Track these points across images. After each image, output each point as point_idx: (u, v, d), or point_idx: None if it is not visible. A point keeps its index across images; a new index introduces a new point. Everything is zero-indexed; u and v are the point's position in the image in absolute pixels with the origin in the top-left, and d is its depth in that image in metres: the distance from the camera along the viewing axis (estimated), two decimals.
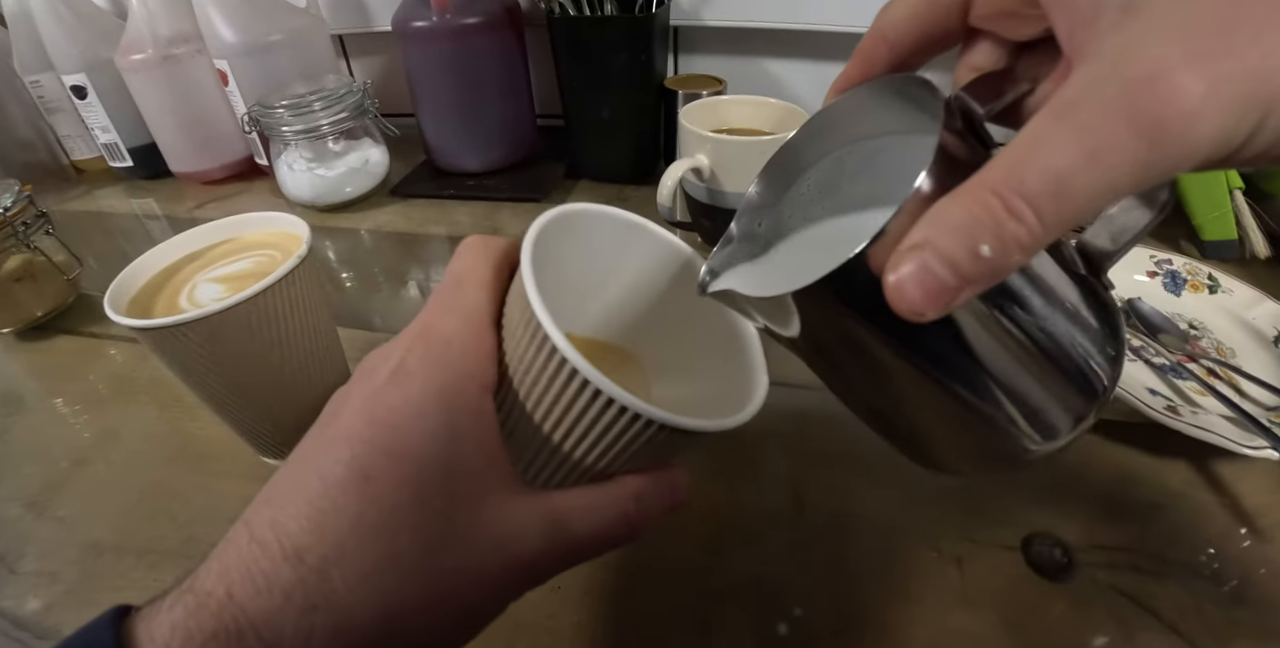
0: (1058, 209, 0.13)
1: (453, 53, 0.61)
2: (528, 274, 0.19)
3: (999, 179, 0.13)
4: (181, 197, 0.73)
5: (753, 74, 0.71)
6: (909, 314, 0.14)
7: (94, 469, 0.39)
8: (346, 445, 0.18)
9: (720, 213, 0.48)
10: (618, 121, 0.62)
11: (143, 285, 0.34)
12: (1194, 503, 0.33)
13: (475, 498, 0.18)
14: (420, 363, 0.19)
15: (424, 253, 0.59)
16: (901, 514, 0.33)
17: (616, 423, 0.19)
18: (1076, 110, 0.13)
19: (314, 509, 0.17)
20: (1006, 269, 0.13)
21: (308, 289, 0.33)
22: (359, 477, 0.17)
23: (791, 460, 0.37)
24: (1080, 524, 0.32)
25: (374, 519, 0.17)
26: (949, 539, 0.32)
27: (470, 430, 0.19)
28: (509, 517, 0.19)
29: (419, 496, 0.17)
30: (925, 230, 0.14)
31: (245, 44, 0.65)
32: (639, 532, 0.21)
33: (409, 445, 0.18)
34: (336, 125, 0.63)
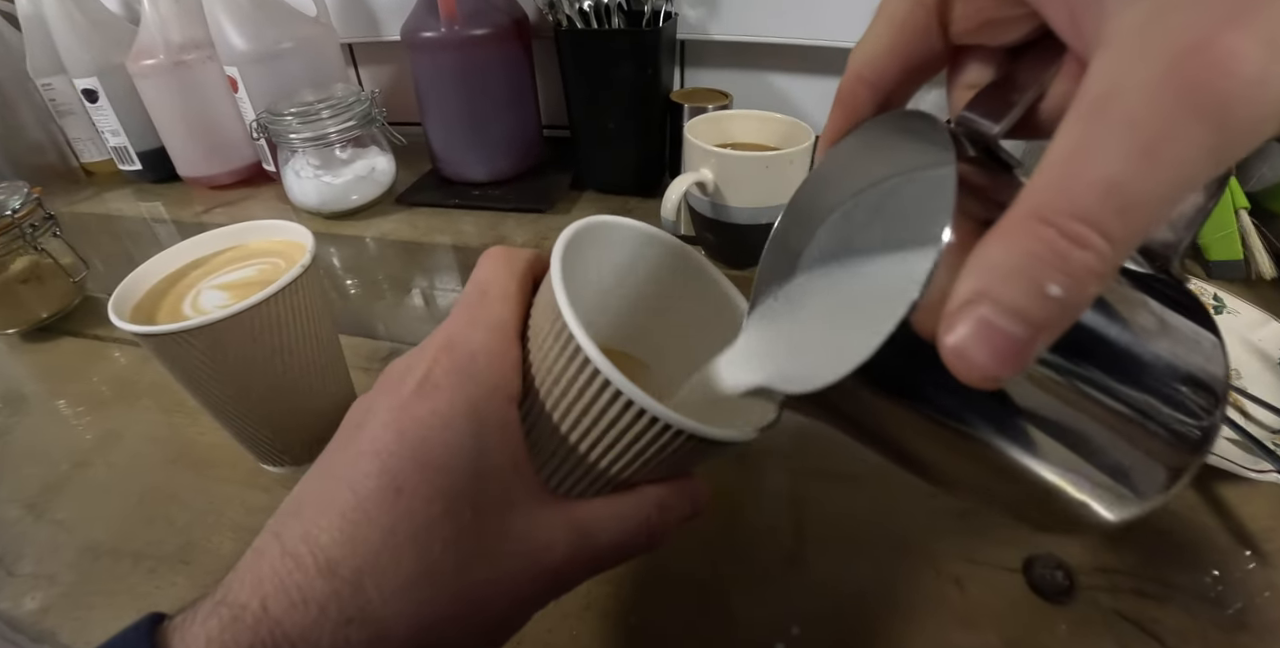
0: (1127, 224, 0.11)
1: (461, 63, 0.61)
2: (559, 287, 0.19)
3: (1047, 203, 0.11)
4: (189, 201, 0.73)
5: (759, 88, 0.71)
6: (980, 382, 0.12)
7: (94, 472, 0.39)
8: (376, 458, 0.18)
9: (723, 227, 0.48)
10: (623, 134, 0.62)
11: (147, 291, 0.34)
12: (1198, 526, 0.33)
13: (504, 509, 0.19)
14: (446, 376, 0.19)
15: (428, 262, 0.59)
16: (901, 533, 0.33)
17: (645, 433, 0.19)
18: (1115, 103, 0.11)
19: (346, 522, 0.17)
20: (1083, 306, 0.11)
21: (311, 297, 0.33)
22: (391, 489, 0.17)
23: (791, 477, 0.36)
24: (1082, 546, 0.32)
25: (407, 532, 0.17)
26: (949, 559, 0.32)
27: (498, 442, 0.19)
28: (537, 527, 0.19)
29: (450, 508, 0.17)
30: (975, 281, 0.11)
31: (256, 51, 0.65)
32: (659, 541, 0.21)
33: (438, 458, 0.18)
34: (344, 133, 0.63)
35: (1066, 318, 0.11)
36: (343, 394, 0.38)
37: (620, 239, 0.25)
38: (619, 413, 0.19)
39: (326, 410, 0.37)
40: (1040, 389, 0.15)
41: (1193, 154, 0.10)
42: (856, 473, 0.36)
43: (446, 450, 0.18)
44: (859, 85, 0.18)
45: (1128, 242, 0.11)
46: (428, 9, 0.60)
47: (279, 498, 0.36)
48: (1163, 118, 0.10)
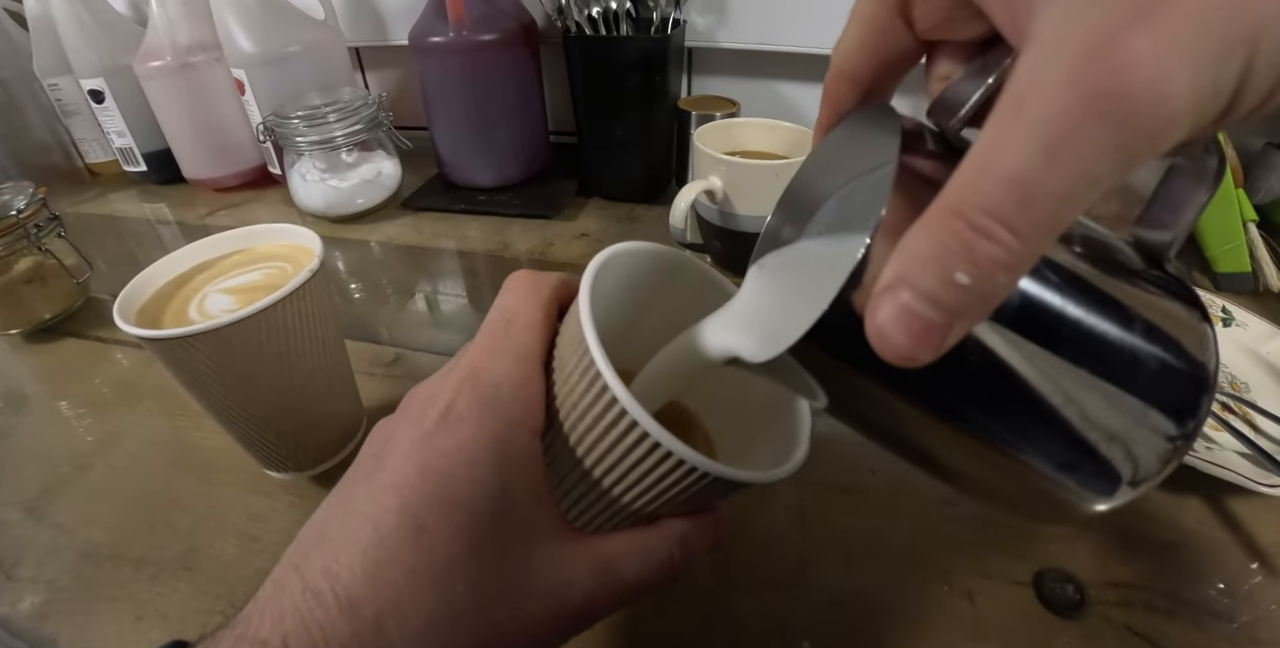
0: (1030, 219, 0.11)
1: (468, 68, 0.61)
2: (587, 323, 0.19)
3: (959, 197, 0.12)
4: (193, 203, 0.73)
5: (766, 96, 0.71)
6: (899, 360, 0.12)
7: (95, 475, 0.39)
8: (398, 494, 0.17)
9: (732, 235, 0.48)
10: (631, 141, 0.62)
11: (152, 294, 0.34)
12: (1207, 540, 0.33)
13: (526, 545, 0.18)
14: (469, 408, 0.19)
15: (433, 266, 0.59)
16: (912, 546, 0.33)
17: (671, 474, 0.19)
18: (1026, 103, 0.11)
19: (368, 560, 0.17)
20: (995, 294, 0.12)
21: (318, 303, 0.33)
22: (413, 527, 0.17)
23: (802, 489, 0.36)
24: (1092, 560, 0.32)
25: (429, 571, 0.17)
26: (960, 572, 0.31)
27: (520, 477, 0.19)
28: (559, 564, 0.19)
29: (472, 545, 0.17)
30: (896, 267, 0.12)
31: (263, 54, 0.65)
32: (681, 575, 0.21)
33: (461, 494, 0.17)
34: (350, 137, 0.63)
35: (980, 305, 0.12)
36: (348, 400, 0.38)
37: (647, 264, 0.24)
38: (645, 453, 0.19)
39: (332, 417, 0.37)
40: (990, 366, 0.15)
41: (1094, 153, 0.11)
42: (868, 485, 0.36)
43: (470, 487, 0.18)
44: (839, 81, 0.19)
45: (1034, 236, 0.11)
46: (436, 14, 0.61)
47: (282, 504, 0.36)
48: (1065, 118, 0.11)
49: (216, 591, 0.32)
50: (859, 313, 0.13)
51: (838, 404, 0.18)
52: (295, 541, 0.19)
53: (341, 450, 0.37)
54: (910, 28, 0.18)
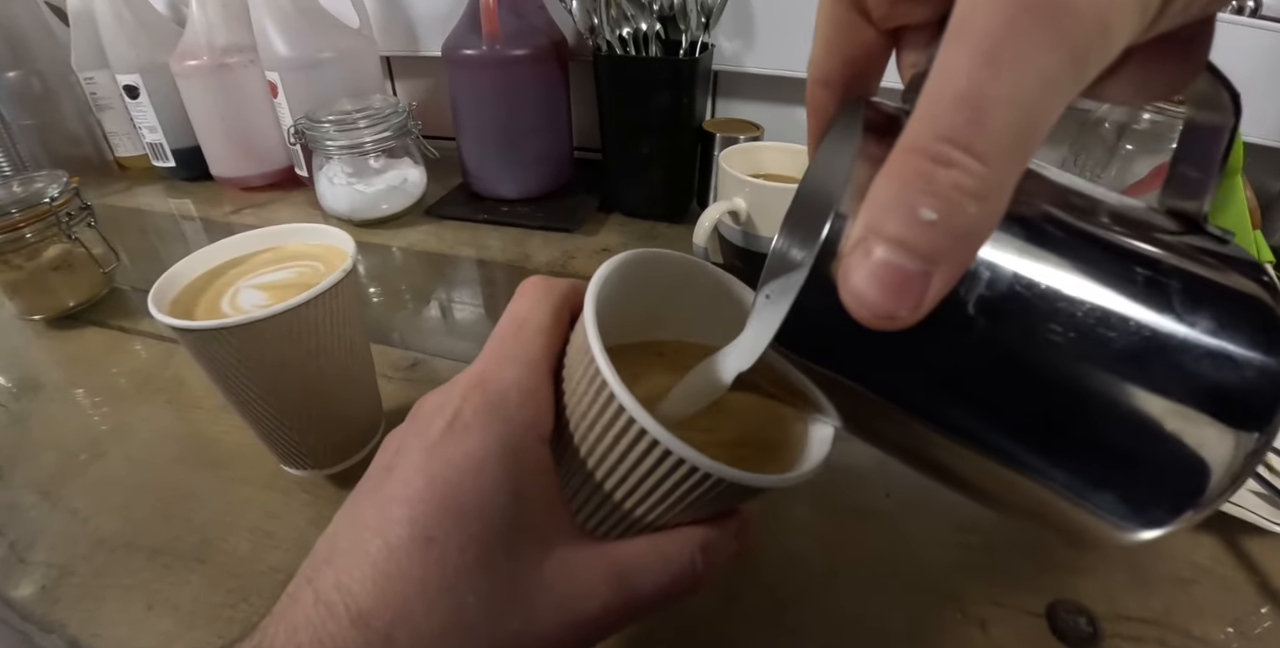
0: (989, 135, 0.10)
1: (499, 82, 0.63)
2: (592, 332, 0.19)
3: (912, 134, 0.11)
4: (219, 200, 0.74)
5: (789, 122, 0.72)
6: (879, 321, 0.11)
7: (112, 463, 0.39)
8: (407, 505, 0.17)
9: (754, 256, 0.49)
10: (654, 159, 0.63)
11: (185, 286, 0.34)
12: (1221, 578, 0.33)
13: (538, 554, 0.18)
14: (477, 415, 0.19)
15: (452, 274, 0.60)
16: (926, 571, 0.33)
17: (685, 481, 0.18)
18: (965, 23, 0.11)
19: (378, 572, 0.17)
20: (969, 231, 0.11)
21: (349, 303, 0.33)
22: (422, 539, 0.17)
23: (816, 511, 0.36)
24: (1106, 593, 0.32)
25: (438, 583, 0.16)
26: (973, 600, 0.31)
27: (531, 484, 0.18)
28: (573, 574, 0.18)
29: (482, 556, 0.17)
30: (863, 220, 0.11)
31: (297, 59, 0.67)
32: (704, 584, 0.20)
33: (470, 504, 0.17)
34: (379, 143, 0.64)
35: (955, 246, 0.11)
36: (370, 401, 0.38)
37: (661, 268, 0.24)
38: (656, 460, 0.18)
39: (353, 416, 0.37)
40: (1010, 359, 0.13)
41: (1038, 55, 0.10)
42: (881, 508, 0.36)
43: (479, 496, 0.17)
44: (816, 89, 0.19)
45: (997, 154, 0.10)
46: (470, 27, 0.62)
47: (298, 502, 0.36)
48: (1003, 24, 0.10)
49: (229, 585, 0.32)
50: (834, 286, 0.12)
51: (843, 408, 0.17)
52: (310, 553, 0.19)
53: (360, 450, 0.38)
54: (869, 20, 0.17)
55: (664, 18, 0.60)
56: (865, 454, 0.22)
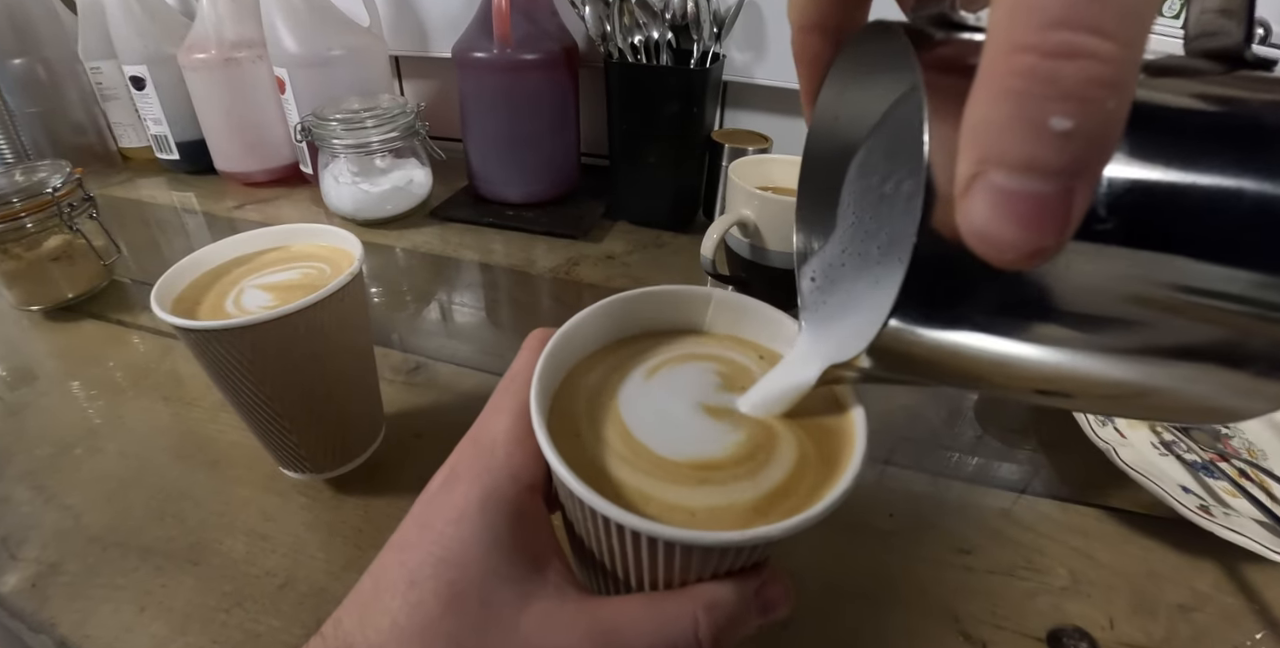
0: (1117, 7, 0.09)
1: (508, 85, 0.63)
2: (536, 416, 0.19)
3: (1012, 31, 0.09)
4: (222, 195, 0.74)
5: (797, 134, 0.72)
6: (1022, 260, 0.10)
7: (106, 459, 0.39)
8: (399, 551, 0.18)
9: (761, 270, 0.49)
10: (662, 168, 0.63)
11: (189, 284, 0.34)
12: (1222, 607, 0.33)
13: (515, 606, 0.18)
14: (467, 467, 0.19)
15: (455, 277, 0.60)
16: (927, 593, 0.33)
17: (634, 545, 0.18)
18: None
19: (365, 609, 0.18)
20: (1109, 128, 0.09)
21: (355, 307, 0.33)
22: (405, 582, 0.18)
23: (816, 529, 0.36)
24: (1106, 618, 0.32)
25: (412, 625, 0.17)
26: (975, 623, 0.31)
27: (512, 534, 0.18)
28: (553, 628, 0.17)
29: (455, 603, 0.17)
30: (972, 152, 0.10)
31: (306, 55, 0.66)
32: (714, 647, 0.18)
33: (451, 551, 0.18)
34: (386, 143, 0.64)
35: (1096, 150, 0.09)
36: (371, 406, 0.38)
37: (607, 318, 0.24)
38: (619, 534, 0.18)
39: (355, 421, 0.36)
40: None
41: None
42: (884, 528, 0.36)
43: (460, 544, 0.18)
44: (803, 35, 0.17)
45: (1126, 28, 0.09)
46: (481, 30, 0.62)
47: (295, 505, 0.36)
48: None
49: (223, 588, 0.31)
50: (951, 239, 0.11)
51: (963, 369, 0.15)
52: None
53: (360, 455, 0.37)
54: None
55: (676, 27, 0.60)
56: (867, 474, 0.21)
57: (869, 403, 0.21)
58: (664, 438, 0.20)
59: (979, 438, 0.43)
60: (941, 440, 0.42)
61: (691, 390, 0.22)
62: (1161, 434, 0.42)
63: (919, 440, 0.42)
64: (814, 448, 0.20)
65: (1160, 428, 0.42)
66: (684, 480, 0.19)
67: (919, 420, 0.44)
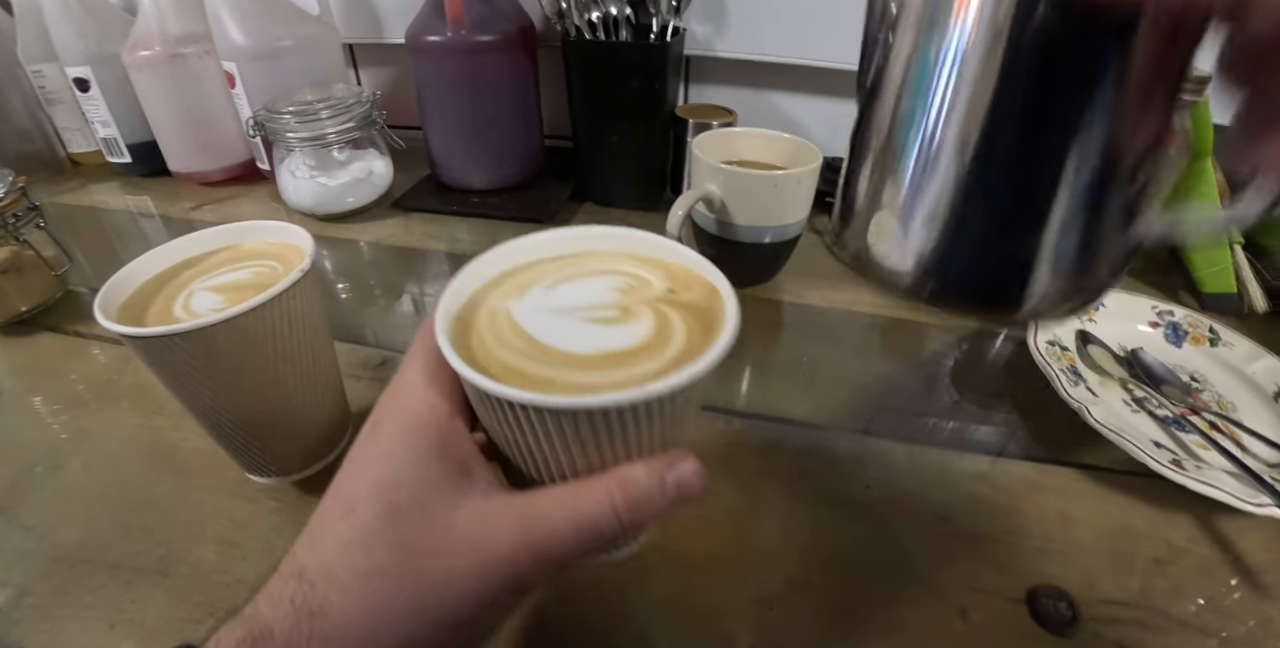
0: None
1: (465, 69, 0.61)
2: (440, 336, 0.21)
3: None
4: (178, 196, 0.72)
5: (762, 107, 0.71)
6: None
7: (70, 476, 0.38)
8: (337, 491, 0.21)
9: (728, 245, 0.48)
10: (626, 147, 0.62)
11: (136, 290, 0.33)
12: (1197, 558, 0.33)
13: (449, 508, 0.20)
14: (387, 410, 0.22)
15: (423, 268, 0.58)
16: (906, 561, 0.33)
17: (567, 429, 0.20)
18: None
19: (313, 538, 0.20)
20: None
21: (308, 304, 0.32)
22: (347, 508, 0.20)
23: (794, 502, 0.36)
24: (1084, 576, 0.32)
25: (354, 539, 0.19)
26: (954, 588, 0.31)
27: (438, 453, 0.21)
28: (483, 518, 0.20)
29: (393, 515, 0.20)
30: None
31: (255, 47, 0.64)
32: (634, 525, 0.20)
33: (385, 479, 0.20)
34: (343, 134, 0.62)
35: None
36: (335, 405, 0.37)
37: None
38: (524, 420, 0.20)
39: (318, 421, 0.36)
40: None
41: None
42: (862, 499, 0.36)
43: (393, 470, 0.21)
44: None
45: None
46: (434, 13, 0.60)
47: (265, 509, 0.35)
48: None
49: (195, 599, 0.31)
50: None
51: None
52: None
53: (328, 455, 0.36)
54: None
55: (633, 2, 0.59)
56: (844, 446, 0.21)
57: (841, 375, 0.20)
58: (572, 337, 0.23)
59: (956, 403, 0.43)
60: (918, 407, 0.42)
61: (593, 298, 0.24)
62: (1133, 391, 0.42)
63: (895, 409, 0.42)
64: (699, 329, 0.23)
65: (1132, 386, 0.42)
66: (594, 367, 0.21)
67: (895, 389, 0.44)
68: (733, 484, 0.37)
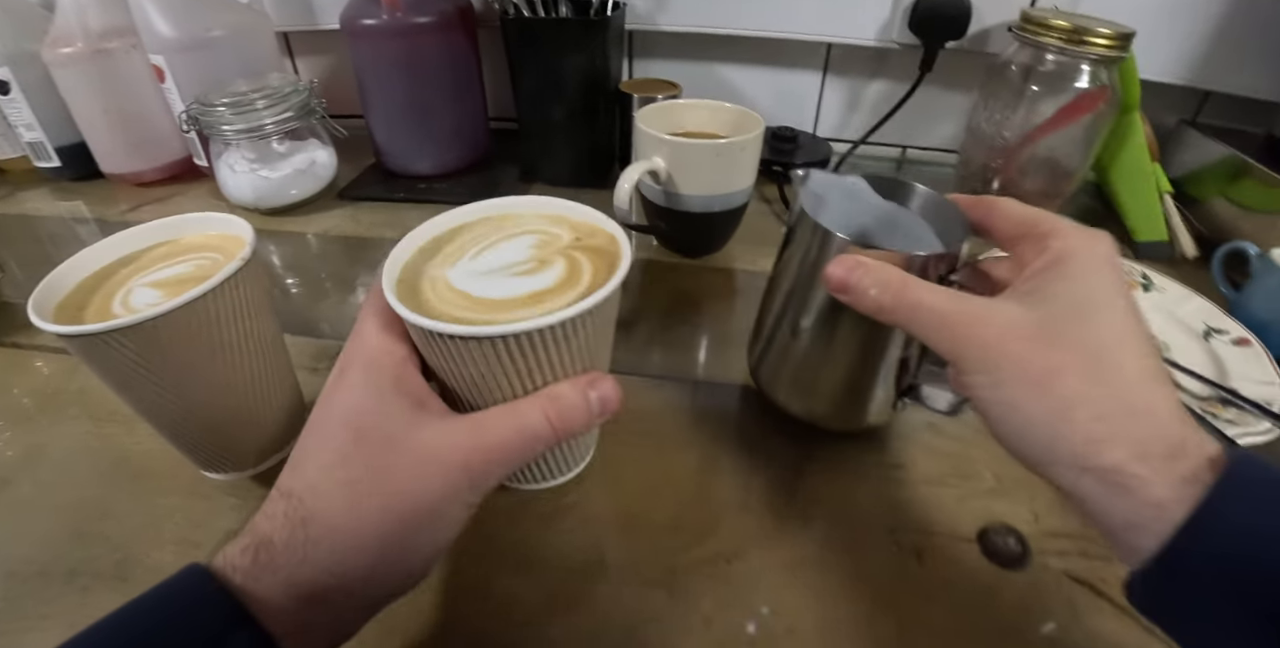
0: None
1: (403, 52, 0.60)
2: (387, 289, 0.26)
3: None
4: (113, 199, 0.69)
5: (707, 80, 0.71)
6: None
7: (19, 490, 0.36)
8: (310, 426, 0.25)
9: (676, 215, 0.48)
10: (572, 124, 0.62)
11: (71, 289, 0.32)
12: None
13: (409, 431, 0.24)
14: (349, 359, 0.26)
15: (373, 258, 0.58)
16: (861, 509, 0.34)
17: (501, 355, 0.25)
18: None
19: (293, 466, 0.24)
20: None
21: (253, 293, 0.32)
22: (321, 437, 0.24)
23: (750, 459, 0.37)
24: (1032, 512, 0.33)
25: (331, 461, 0.24)
26: (908, 532, 0.32)
27: (394, 390, 0.25)
28: (440, 435, 0.24)
29: (362, 440, 0.24)
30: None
31: (183, 39, 0.62)
32: (565, 431, 0.25)
33: (350, 413, 0.25)
34: (281, 125, 0.60)
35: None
36: (288, 397, 0.36)
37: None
38: (463, 353, 0.25)
39: (271, 413, 0.35)
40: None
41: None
42: (819, 456, 0.37)
43: (356, 407, 0.25)
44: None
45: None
46: None
47: (224, 507, 0.35)
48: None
49: None
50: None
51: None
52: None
53: (285, 447, 0.36)
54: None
55: None
56: None
57: None
58: (501, 289, 0.27)
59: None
60: None
61: (514, 256, 0.29)
62: None
63: None
64: (604, 268, 0.28)
65: None
66: (520, 307, 0.26)
67: None
68: (694, 448, 0.37)
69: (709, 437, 0.38)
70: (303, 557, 0.22)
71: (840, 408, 0.35)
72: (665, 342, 0.46)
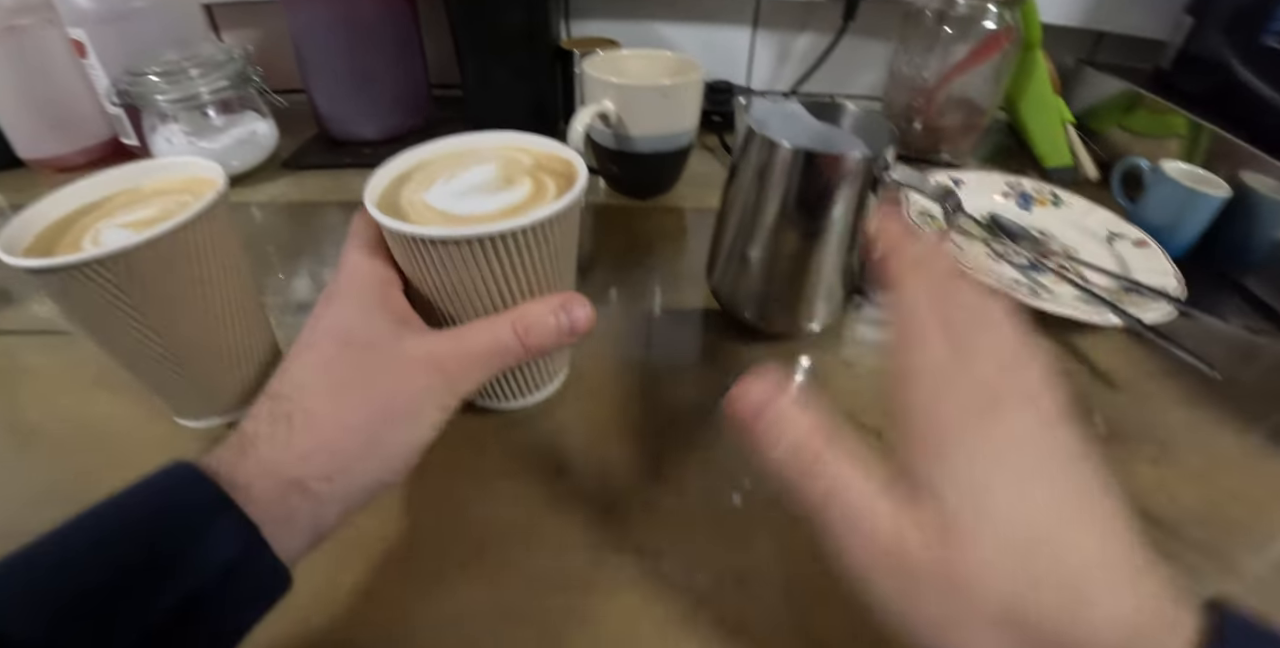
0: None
1: (343, 16, 0.60)
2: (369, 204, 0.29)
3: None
4: (34, 187, 0.66)
5: (645, 37, 0.73)
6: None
7: None
8: (300, 339, 0.27)
9: (628, 157, 0.50)
10: (515, 83, 0.63)
11: (36, 235, 0.31)
12: (1060, 369, 0.39)
13: (392, 340, 0.26)
14: (336, 284, 0.28)
15: (322, 225, 0.57)
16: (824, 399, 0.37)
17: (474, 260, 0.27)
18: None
19: (281, 371, 0.26)
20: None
21: (229, 226, 0.32)
22: (307, 347, 0.26)
23: (714, 368, 0.39)
24: None
25: (317, 363, 0.26)
26: (868, 414, 0.36)
27: (379, 309, 0.27)
28: (419, 343, 0.26)
29: (347, 346, 0.26)
30: None
31: (103, 11, 0.60)
32: (533, 345, 0.27)
33: (336, 325, 0.26)
34: (216, 94, 0.59)
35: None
36: (262, 333, 0.37)
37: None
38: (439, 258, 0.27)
39: (252, 350, 0.35)
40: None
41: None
42: (776, 358, 0.40)
43: (345, 320, 0.27)
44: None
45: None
46: None
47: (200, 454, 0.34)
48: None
49: None
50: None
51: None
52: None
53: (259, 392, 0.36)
54: None
55: None
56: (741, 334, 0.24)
57: None
58: (475, 204, 0.30)
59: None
60: None
61: (484, 178, 0.32)
62: (994, 247, 0.48)
63: None
64: (565, 185, 0.31)
65: (993, 242, 0.48)
66: (494, 219, 0.28)
67: None
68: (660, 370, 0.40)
69: (671, 358, 0.41)
70: (286, 444, 0.23)
71: (796, 313, 0.38)
72: (622, 280, 0.48)
